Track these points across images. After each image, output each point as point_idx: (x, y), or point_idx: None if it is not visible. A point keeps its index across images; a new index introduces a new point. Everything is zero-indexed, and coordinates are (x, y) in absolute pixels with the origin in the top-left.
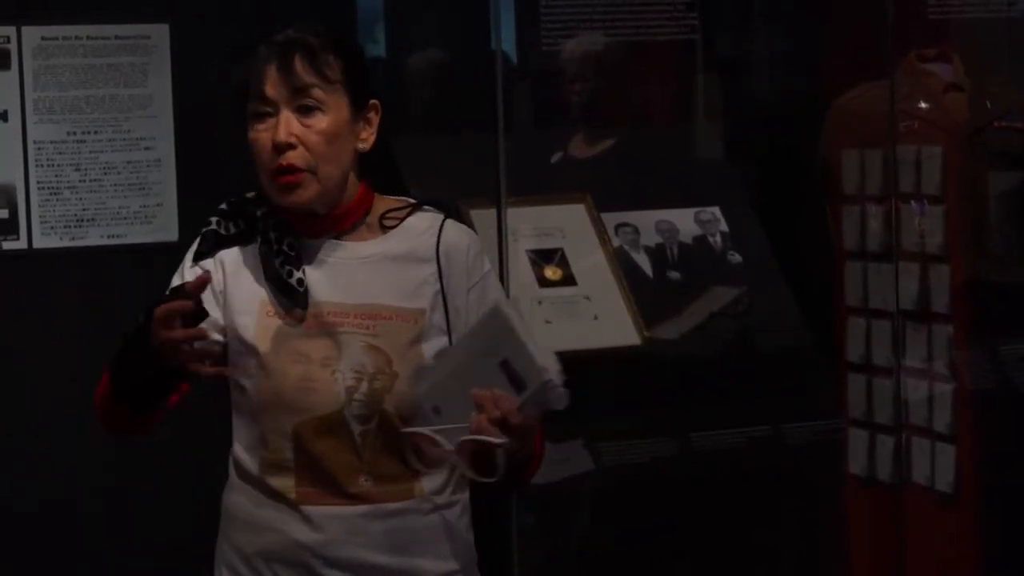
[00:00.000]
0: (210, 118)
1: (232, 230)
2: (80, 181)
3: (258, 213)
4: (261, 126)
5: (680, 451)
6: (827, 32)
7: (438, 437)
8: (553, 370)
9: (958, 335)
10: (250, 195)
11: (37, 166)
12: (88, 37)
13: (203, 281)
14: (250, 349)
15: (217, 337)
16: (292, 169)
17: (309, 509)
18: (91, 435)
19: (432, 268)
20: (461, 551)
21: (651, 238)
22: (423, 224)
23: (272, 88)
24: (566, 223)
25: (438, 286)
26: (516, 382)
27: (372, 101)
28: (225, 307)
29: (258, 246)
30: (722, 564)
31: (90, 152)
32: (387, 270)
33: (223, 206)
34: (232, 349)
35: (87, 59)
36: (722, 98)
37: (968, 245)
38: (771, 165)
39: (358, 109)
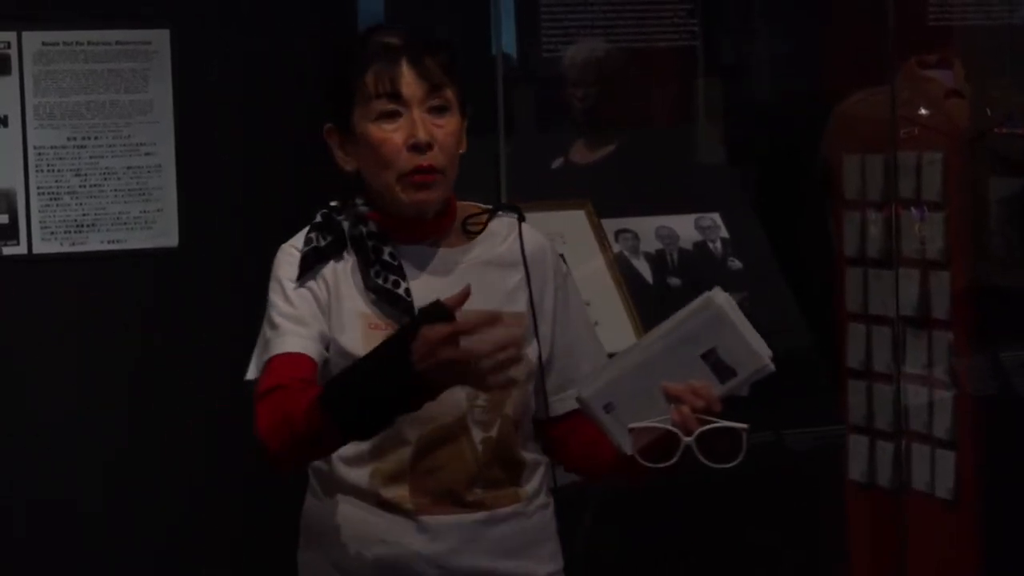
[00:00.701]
0: (211, 123)
1: (323, 242)
2: (80, 186)
3: (345, 223)
4: (390, 125)
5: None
6: (828, 37)
7: (663, 424)
8: (767, 355)
9: (958, 341)
10: (334, 203)
11: (37, 171)
12: (89, 42)
13: (464, 295)
14: (335, 353)
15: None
16: (431, 169)
17: (426, 519)
18: (91, 438)
19: (520, 273)
20: (559, 552)
21: (651, 244)
22: (502, 229)
23: (407, 87)
24: (566, 229)
25: (527, 290)
26: (720, 371)
27: (468, 105)
28: (330, 323)
29: (354, 256)
30: (723, 569)
31: (90, 157)
32: (484, 276)
33: (318, 219)
34: (334, 364)
35: (88, 64)
36: (722, 103)
37: (969, 251)
38: (772, 171)
39: (463, 111)
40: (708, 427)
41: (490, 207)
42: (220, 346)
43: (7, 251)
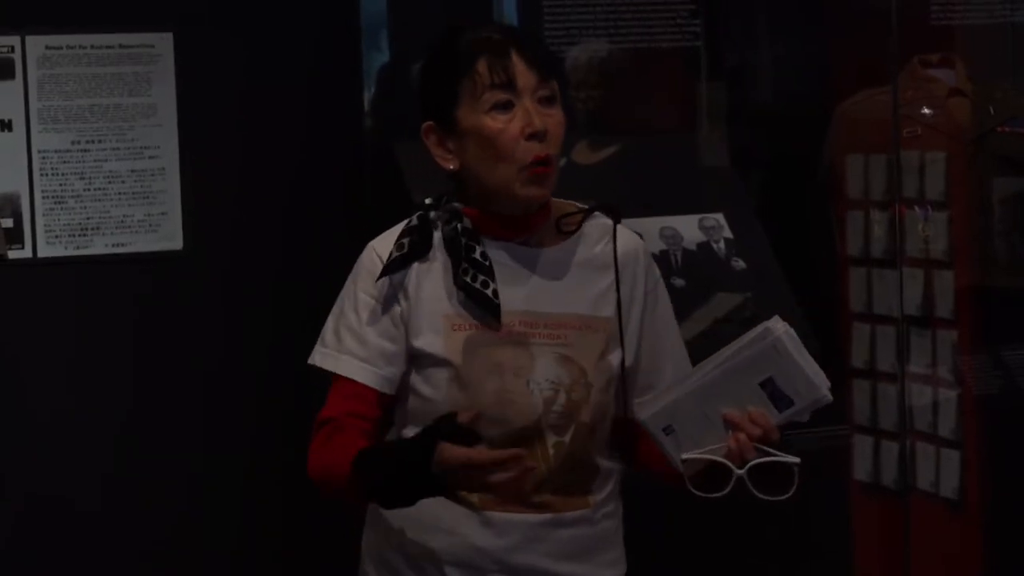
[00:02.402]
0: (214, 127)
1: (409, 249)
2: (84, 190)
3: (438, 221)
4: (504, 116)
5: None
6: (830, 38)
7: (715, 457)
8: (826, 385)
9: (963, 340)
10: (428, 200)
11: (41, 175)
12: (92, 46)
13: (476, 417)
14: (440, 362)
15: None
16: (547, 160)
17: (492, 514)
18: (94, 442)
19: (611, 276)
20: (622, 559)
21: (655, 245)
22: (597, 230)
23: (521, 76)
24: None
25: (617, 295)
26: (777, 399)
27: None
28: (408, 330)
29: (442, 256)
30: (727, 569)
31: (94, 161)
32: (572, 278)
33: (414, 221)
34: (416, 364)
35: (91, 68)
36: (726, 104)
37: (972, 250)
38: (775, 171)
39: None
40: (760, 460)
41: (586, 207)
42: (225, 349)
43: (12, 255)
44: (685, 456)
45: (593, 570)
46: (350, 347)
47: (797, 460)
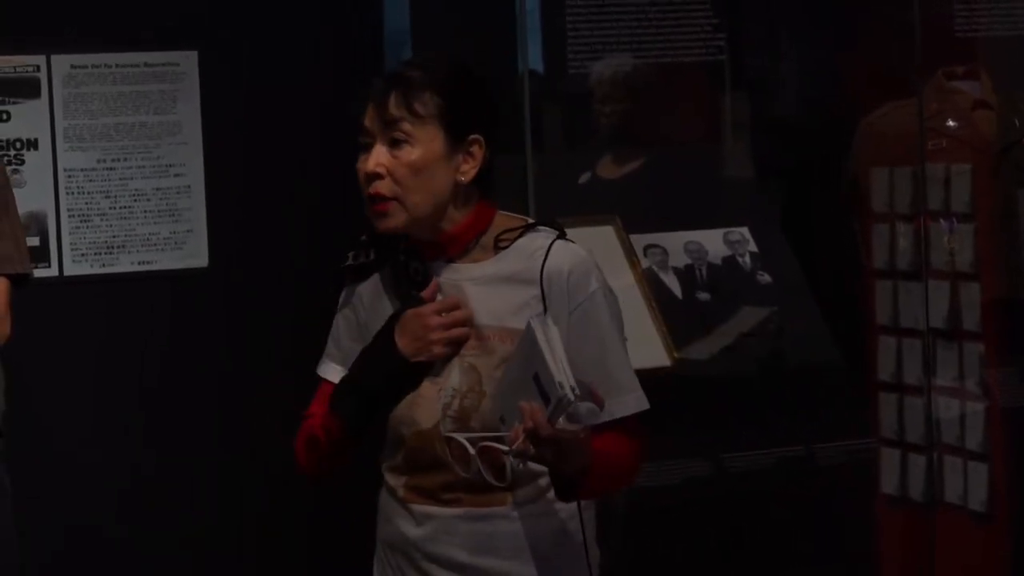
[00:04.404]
0: (239, 144)
1: (363, 259)
2: (110, 208)
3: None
4: (362, 156)
5: (712, 472)
6: (854, 50)
7: (464, 442)
8: (568, 386)
9: (989, 352)
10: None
11: (67, 194)
12: (117, 65)
13: (434, 288)
14: None
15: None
16: (379, 198)
17: (413, 506)
18: (120, 457)
19: (535, 290)
20: (550, 560)
21: (680, 259)
22: (534, 245)
23: (369, 120)
24: (595, 244)
25: (541, 307)
26: (543, 395)
27: (473, 136)
28: (365, 336)
29: (392, 270)
30: None
31: (120, 179)
32: (492, 291)
33: (363, 238)
34: None
35: (116, 87)
36: (749, 117)
37: (999, 262)
38: (800, 184)
39: (456, 143)
40: (484, 444)
41: (530, 223)
42: (249, 365)
43: (38, 273)
44: (464, 440)
45: (508, 565)
46: (329, 350)
47: (507, 450)
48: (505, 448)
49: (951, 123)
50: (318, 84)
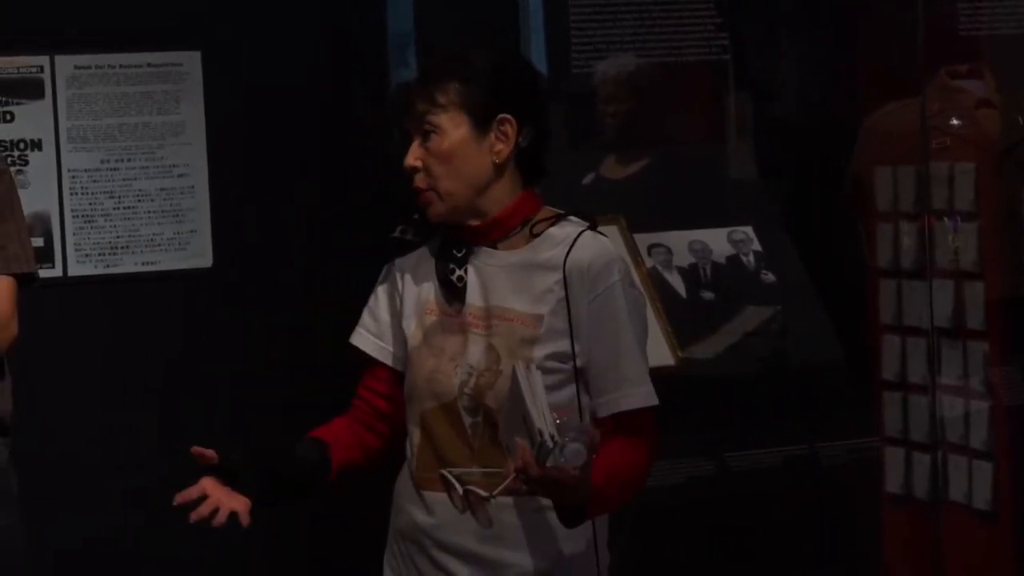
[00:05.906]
0: (243, 144)
1: (410, 236)
2: (114, 209)
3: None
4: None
5: (716, 471)
6: (857, 49)
7: (454, 480)
8: (547, 434)
9: (993, 351)
10: None
11: (71, 194)
12: (121, 65)
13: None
14: (407, 343)
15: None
16: (418, 190)
17: (424, 492)
18: (125, 458)
19: (558, 277)
20: (557, 552)
21: (684, 258)
22: (563, 234)
23: (408, 120)
24: None
25: (562, 294)
26: (531, 439)
27: (502, 116)
28: (401, 313)
29: (436, 249)
30: None
31: (124, 180)
32: (521, 276)
33: (416, 216)
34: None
35: (120, 87)
36: (753, 117)
37: (1002, 261)
38: (804, 183)
39: (483, 125)
40: (466, 487)
41: (561, 213)
42: (254, 365)
43: (42, 274)
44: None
45: (512, 556)
46: (365, 322)
47: (487, 495)
48: (485, 494)
49: (955, 122)
50: (322, 84)
